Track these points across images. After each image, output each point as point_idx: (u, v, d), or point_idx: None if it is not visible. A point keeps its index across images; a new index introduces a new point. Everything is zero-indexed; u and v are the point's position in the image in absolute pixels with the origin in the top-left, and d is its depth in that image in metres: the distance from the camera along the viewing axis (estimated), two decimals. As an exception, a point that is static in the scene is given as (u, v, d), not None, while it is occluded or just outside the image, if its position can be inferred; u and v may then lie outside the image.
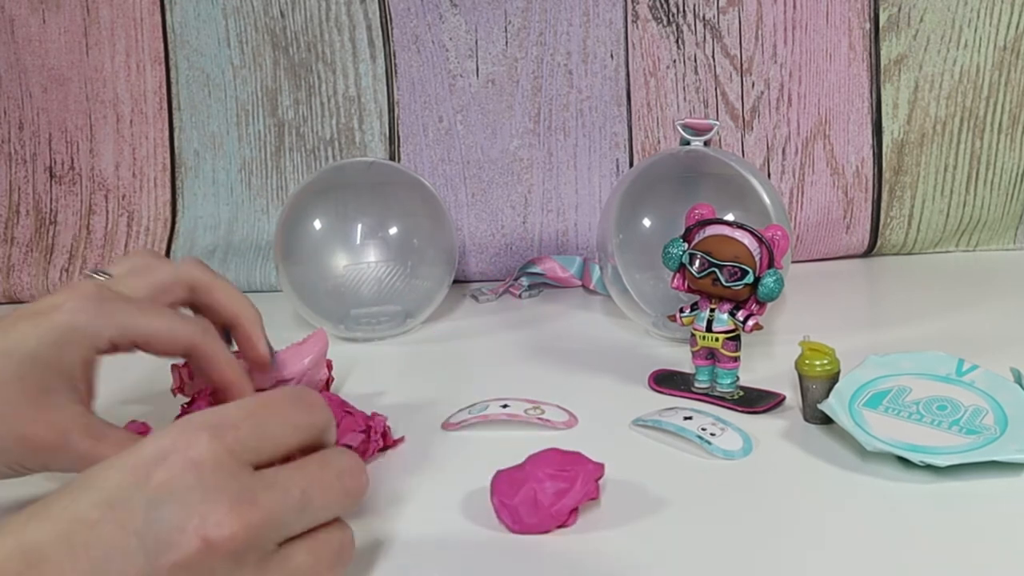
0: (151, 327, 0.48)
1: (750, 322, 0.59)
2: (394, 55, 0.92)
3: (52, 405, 0.45)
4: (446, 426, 0.60)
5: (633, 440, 0.57)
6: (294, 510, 0.36)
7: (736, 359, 0.61)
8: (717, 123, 0.70)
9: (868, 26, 0.89)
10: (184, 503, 0.34)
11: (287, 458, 0.38)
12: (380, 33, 0.92)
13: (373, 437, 0.55)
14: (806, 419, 0.58)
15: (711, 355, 0.61)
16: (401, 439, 0.57)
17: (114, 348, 0.48)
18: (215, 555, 0.34)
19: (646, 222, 0.75)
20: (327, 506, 0.38)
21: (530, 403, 0.60)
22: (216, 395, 0.53)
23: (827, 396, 0.56)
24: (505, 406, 0.60)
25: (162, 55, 0.95)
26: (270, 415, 0.38)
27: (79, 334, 0.46)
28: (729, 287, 0.58)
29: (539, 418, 0.59)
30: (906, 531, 0.46)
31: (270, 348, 0.58)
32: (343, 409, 0.56)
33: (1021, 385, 0.54)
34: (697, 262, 0.59)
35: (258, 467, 0.37)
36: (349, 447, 0.53)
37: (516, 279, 0.90)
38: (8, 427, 0.44)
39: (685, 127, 0.70)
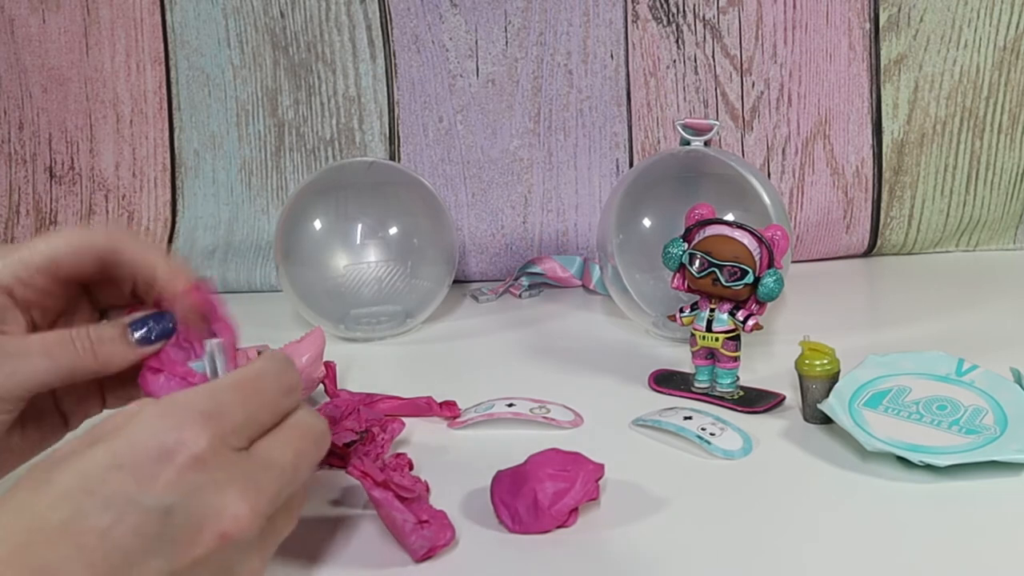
0: (50, 242, 0.44)
1: (750, 322, 0.59)
2: (394, 55, 0.92)
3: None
4: (452, 424, 0.60)
5: (633, 440, 0.57)
6: (288, 484, 0.38)
7: (736, 359, 0.61)
8: (717, 123, 0.70)
9: (868, 26, 0.89)
10: (198, 502, 0.34)
11: None
12: (380, 33, 0.92)
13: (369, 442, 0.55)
14: (806, 419, 0.58)
15: (711, 355, 0.61)
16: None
17: (21, 286, 0.44)
18: (231, 545, 0.35)
19: (646, 222, 0.75)
20: (309, 469, 0.39)
21: (536, 402, 0.60)
22: (158, 304, 0.45)
23: (827, 396, 0.56)
24: (511, 405, 0.60)
25: (162, 55, 0.95)
26: (259, 398, 0.38)
27: None
28: (729, 287, 0.58)
29: (545, 417, 0.59)
30: (906, 531, 0.46)
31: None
32: (360, 403, 0.57)
33: (1021, 385, 0.54)
34: (697, 262, 0.59)
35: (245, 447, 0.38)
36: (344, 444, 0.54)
37: (516, 279, 0.90)
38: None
39: (685, 127, 0.70)
